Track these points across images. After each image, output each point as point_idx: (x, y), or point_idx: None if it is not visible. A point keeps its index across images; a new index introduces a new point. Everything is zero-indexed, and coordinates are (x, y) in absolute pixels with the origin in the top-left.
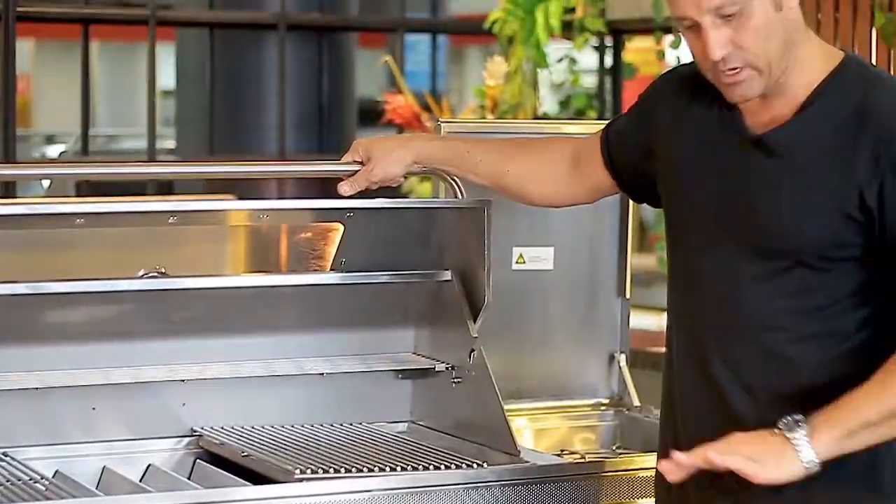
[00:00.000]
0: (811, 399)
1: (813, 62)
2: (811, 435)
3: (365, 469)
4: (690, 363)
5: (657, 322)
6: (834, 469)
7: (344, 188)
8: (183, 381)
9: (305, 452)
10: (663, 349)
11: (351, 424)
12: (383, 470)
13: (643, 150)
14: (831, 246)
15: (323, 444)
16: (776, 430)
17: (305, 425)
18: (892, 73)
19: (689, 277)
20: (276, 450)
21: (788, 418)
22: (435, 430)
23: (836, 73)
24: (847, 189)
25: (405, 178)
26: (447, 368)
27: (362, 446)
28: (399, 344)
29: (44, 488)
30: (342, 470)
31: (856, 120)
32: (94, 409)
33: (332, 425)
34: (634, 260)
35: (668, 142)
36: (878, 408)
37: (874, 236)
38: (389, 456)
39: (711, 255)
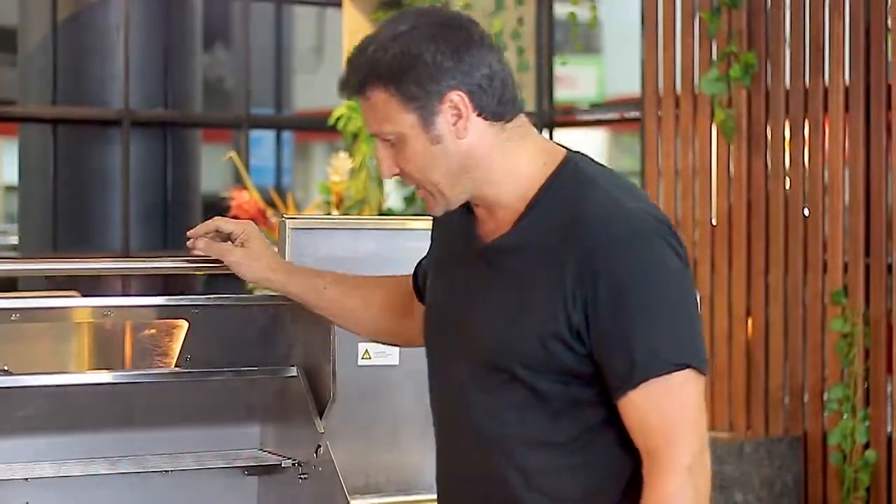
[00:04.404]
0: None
1: (529, 169)
2: None
3: None
4: (444, 449)
5: None
6: None
7: (199, 244)
8: (26, 479)
9: None
10: None
11: None
12: None
13: None
14: (544, 362)
15: None
16: None
17: None
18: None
19: (433, 377)
20: None
21: None
22: None
23: (551, 179)
24: (556, 305)
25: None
26: (294, 465)
27: None
28: (245, 440)
29: None
30: None
31: (565, 231)
32: None
33: None
34: None
35: (432, 252)
36: None
37: (584, 353)
38: None
39: (447, 360)
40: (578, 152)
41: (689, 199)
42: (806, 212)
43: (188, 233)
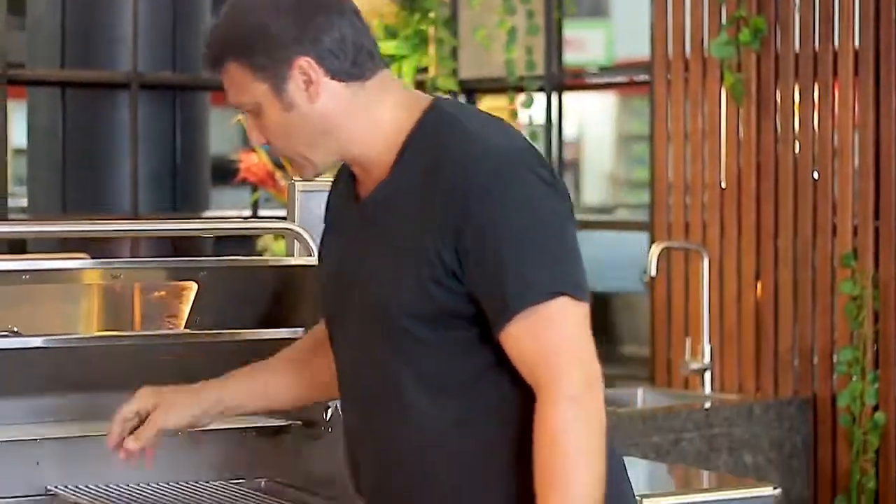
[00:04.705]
0: (457, 462)
1: (394, 122)
2: None
3: None
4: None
5: None
6: None
7: (130, 444)
8: (37, 439)
9: None
10: None
11: (208, 483)
12: None
13: None
14: (429, 308)
15: (180, 502)
16: None
17: (161, 483)
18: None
19: (334, 346)
20: None
21: None
22: (292, 486)
23: (416, 127)
24: (430, 249)
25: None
26: (304, 425)
27: None
28: None
29: None
30: None
31: (430, 176)
32: None
33: (187, 483)
34: None
35: (327, 222)
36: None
37: (463, 293)
38: None
39: (343, 324)
40: (446, 98)
41: (698, 162)
42: (815, 175)
43: (111, 445)
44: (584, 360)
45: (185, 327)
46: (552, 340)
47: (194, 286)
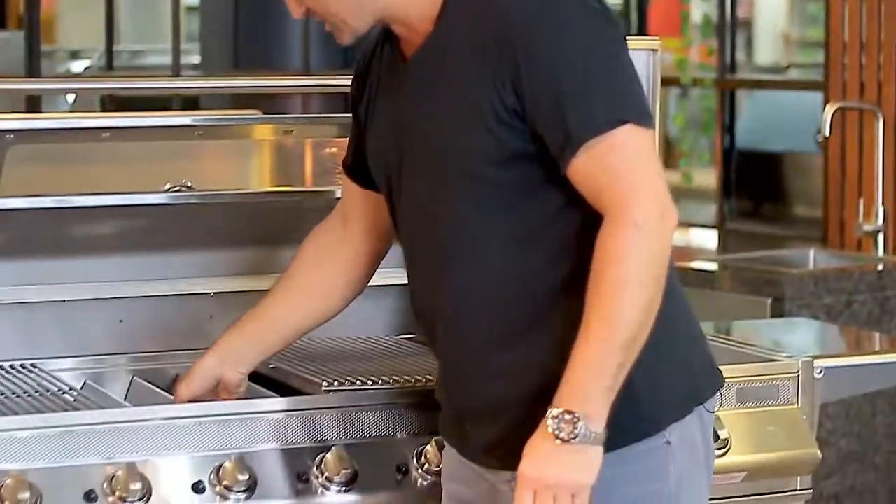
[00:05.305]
0: (522, 306)
1: None
2: (586, 419)
3: (391, 381)
4: (425, 294)
5: (682, 238)
6: None
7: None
8: (210, 293)
9: (331, 365)
10: (692, 264)
11: (378, 337)
12: (409, 382)
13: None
14: (494, 150)
15: (347, 356)
16: (557, 442)
17: (332, 338)
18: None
19: (394, 215)
20: (302, 362)
21: (555, 419)
22: None
23: None
24: (489, 91)
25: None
26: None
27: (388, 359)
28: None
29: (72, 399)
30: (368, 382)
31: (477, 19)
32: (121, 321)
33: (354, 339)
34: None
35: (359, 112)
36: (616, 347)
37: (527, 131)
38: (414, 367)
39: (403, 187)
40: None
41: (874, 20)
42: None
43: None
44: (653, 188)
45: None
46: (620, 168)
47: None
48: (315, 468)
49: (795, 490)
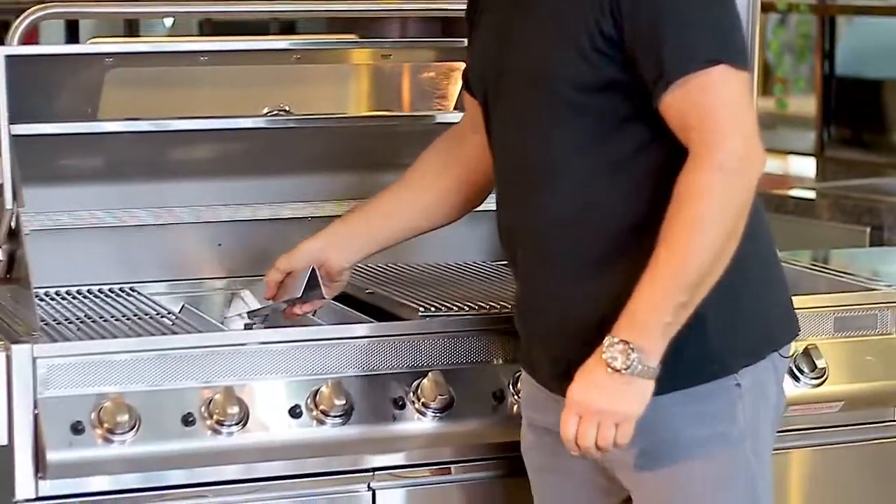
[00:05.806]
0: (602, 235)
1: None
2: (640, 352)
3: (488, 307)
4: (509, 215)
5: (780, 165)
6: None
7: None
8: (308, 218)
9: (428, 290)
10: (790, 191)
11: (475, 263)
12: (506, 308)
13: None
14: (589, 76)
15: (444, 282)
16: (609, 370)
17: (429, 264)
18: None
19: (489, 124)
20: (398, 287)
21: (611, 347)
22: None
23: None
24: (587, 17)
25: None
26: None
27: (485, 284)
28: None
29: (170, 322)
30: (465, 308)
31: None
32: (219, 244)
33: (451, 265)
34: (756, 102)
35: (473, 28)
36: (682, 285)
37: (623, 60)
38: (510, 293)
39: (499, 104)
40: None
41: None
42: None
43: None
44: (744, 130)
45: (454, 108)
46: (711, 109)
47: (463, 66)
48: (411, 394)
49: (893, 420)
